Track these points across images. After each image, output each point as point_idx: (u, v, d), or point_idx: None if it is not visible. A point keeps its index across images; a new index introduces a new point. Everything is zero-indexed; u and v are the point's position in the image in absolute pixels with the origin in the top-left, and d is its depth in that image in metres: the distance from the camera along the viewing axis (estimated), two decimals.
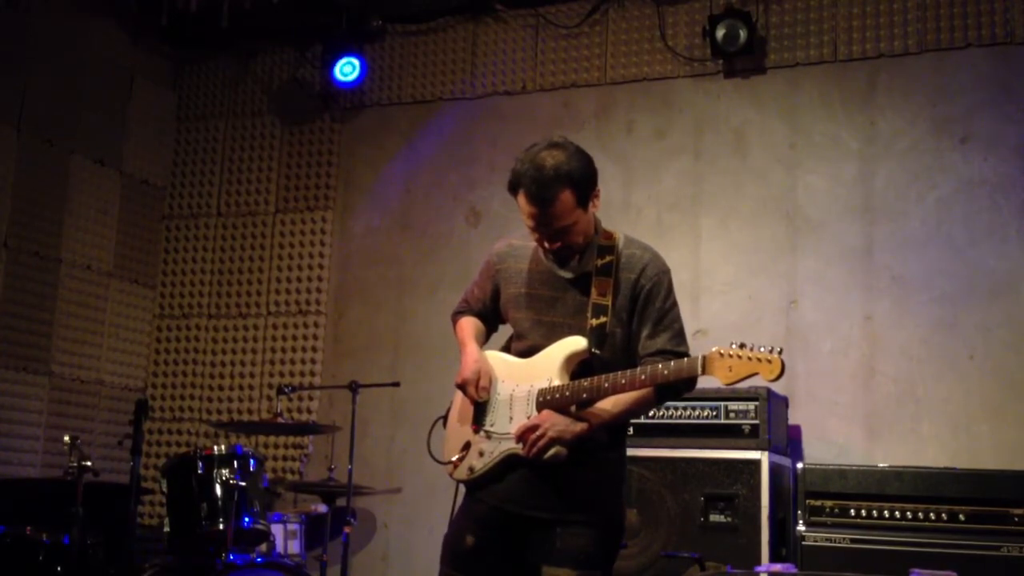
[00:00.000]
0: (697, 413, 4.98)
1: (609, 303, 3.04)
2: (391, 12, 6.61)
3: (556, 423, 2.98)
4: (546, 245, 3.07)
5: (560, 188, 2.96)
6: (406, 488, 6.12)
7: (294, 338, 6.59)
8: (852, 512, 4.66)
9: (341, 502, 5.37)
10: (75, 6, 6.40)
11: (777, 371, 2.81)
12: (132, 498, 4.35)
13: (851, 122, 5.64)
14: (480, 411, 3.16)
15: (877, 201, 5.52)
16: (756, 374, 2.82)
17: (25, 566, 4.38)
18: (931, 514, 4.56)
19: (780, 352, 2.83)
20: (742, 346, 2.85)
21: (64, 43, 6.30)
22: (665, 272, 3.12)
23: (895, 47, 5.60)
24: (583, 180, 3.00)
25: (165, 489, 4.71)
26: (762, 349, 2.83)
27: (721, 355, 2.86)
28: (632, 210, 5.92)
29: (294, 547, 5.37)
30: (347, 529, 5.27)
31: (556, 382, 3.03)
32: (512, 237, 3.31)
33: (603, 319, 3.02)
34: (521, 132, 6.09)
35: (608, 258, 3.08)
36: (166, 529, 4.67)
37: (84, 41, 6.45)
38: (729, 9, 5.76)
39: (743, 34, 5.69)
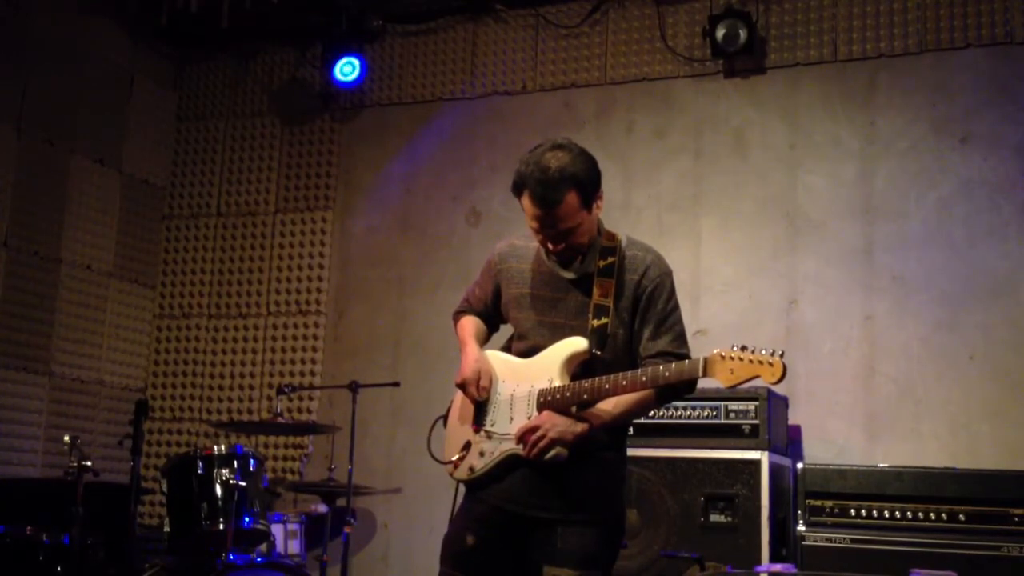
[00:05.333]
0: (697, 413, 4.98)
1: (611, 304, 3.03)
2: (391, 12, 6.61)
3: (557, 424, 2.97)
4: (550, 246, 3.07)
5: (565, 190, 2.95)
6: (406, 488, 6.12)
7: (294, 338, 6.59)
8: (852, 512, 4.67)
9: (341, 502, 5.38)
10: (75, 6, 6.39)
11: (779, 374, 2.79)
12: (132, 498, 4.36)
13: (851, 122, 5.63)
14: (480, 411, 3.16)
15: (877, 201, 5.52)
16: (757, 377, 2.80)
17: (25, 566, 4.38)
18: (931, 514, 4.56)
19: (782, 355, 2.81)
20: (743, 348, 2.83)
21: (64, 43, 6.30)
22: (667, 274, 3.12)
23: (895, 47, 5.60)
24: (588, 182, 3.00)
25: (165, 489, 4.71)
26: (763, 351, 2.82)
27: (722, 357, 2.85)
28: (632, 210, 5.92)
29: (294, 547, 5.37)
30: (347, 529, 5.28)
31: (556, 383, 3.02)
32: (514, 237, 3.31)
33: (605, 320, 3.02)
34: (521, 132, 6.10)
35: (610, 259, 3.07)
36: (166, 529, 4.67)
37: (84, 41, 6.44)
38: (729, 9, 5.76)
39: (743, 34, 5.69)
